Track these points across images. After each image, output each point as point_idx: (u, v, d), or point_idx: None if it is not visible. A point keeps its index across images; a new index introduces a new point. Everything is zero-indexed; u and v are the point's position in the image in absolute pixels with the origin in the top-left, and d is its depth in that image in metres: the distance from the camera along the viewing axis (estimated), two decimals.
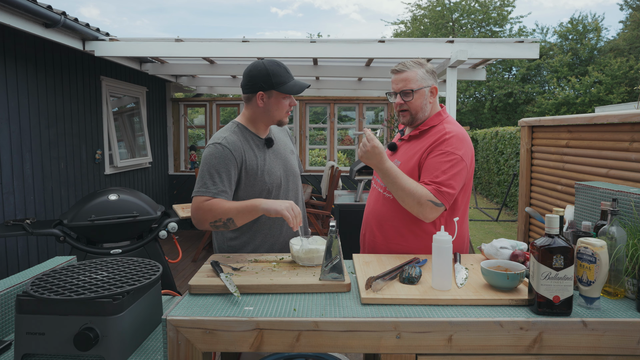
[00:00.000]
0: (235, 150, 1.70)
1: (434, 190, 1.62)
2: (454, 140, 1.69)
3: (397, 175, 1.65)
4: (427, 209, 1.62)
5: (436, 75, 1.82)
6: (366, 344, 1.16)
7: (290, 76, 1.76)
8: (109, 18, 75.61)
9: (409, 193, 1.63)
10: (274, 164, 1.81)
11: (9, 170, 3.33)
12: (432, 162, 1.67)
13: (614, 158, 2.84)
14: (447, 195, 1.62)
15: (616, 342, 1.15)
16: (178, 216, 3.07)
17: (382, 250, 1.81)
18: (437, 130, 1.75)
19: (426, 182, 1.65)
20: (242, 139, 1.76)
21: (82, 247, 2.68)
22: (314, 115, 13.26)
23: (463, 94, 21.35)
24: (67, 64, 4.10)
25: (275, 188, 1.79)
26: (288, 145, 1.95)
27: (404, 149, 1.84)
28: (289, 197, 1.86)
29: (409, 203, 1.64)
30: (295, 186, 1.90)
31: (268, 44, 4.20)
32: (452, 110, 4.11)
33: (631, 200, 1.50)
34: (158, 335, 1.41)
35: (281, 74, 1.73)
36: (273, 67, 1.73)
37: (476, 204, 9.65)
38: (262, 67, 1.72)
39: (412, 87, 1.75)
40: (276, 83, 1.72)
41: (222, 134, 1.75)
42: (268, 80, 1.71)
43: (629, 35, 19.98)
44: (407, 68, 1.76)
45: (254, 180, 1.74)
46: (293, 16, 66.29)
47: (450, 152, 1.66)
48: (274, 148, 1.84)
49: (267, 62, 1.74)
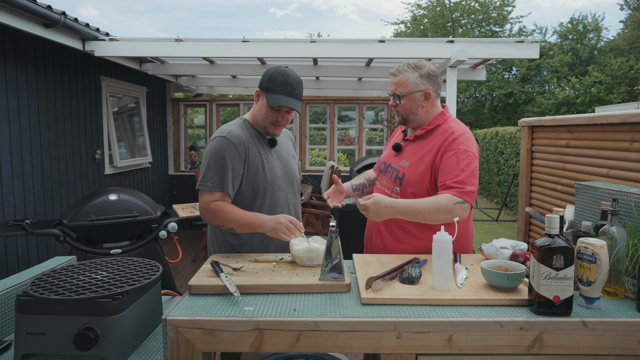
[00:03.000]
0: (239, 144, 1.73)
1: (457, 193, 1.62)
2: (463, 138, 1.70)
3: (415, 204, 1.62)
4: (457, 211, 1.61)
5: (436, 77, 1.80)
6: (366, 344, 1.16)
7: (285, 90, 1.71)
8: (108, 18, 75.64)
9: (436, 210, 1.60)
10: (275, 164, 1.84)
11: (9, 170, 3.33)
12: (449, 162, 1.67)
13: (614, 158, 2.84)
14: (470, 193, 1.63)
15: (616, 342, 1.15)
16: (178, 216, 3.07)
17: (394, 251, 1.80)
18: (443, 130, 1.75)
19: (448, 185, 1.64)
20: (247, 134, 1.79)
21: (82, 247, 2.68)
22: (314, 115, 13.26)
23: (463, 94, 21.34)
24: (67, 64, 4.09)
25: (273, 186, 1.81)
26: (290, 150, 1.97)
27: (410, 149, 1.83)
28: (287, 199, 1.87)
29: (440, 218, 1.62)
30: (293, 189, 1.92)
31: (268, 44, 4.20)
32: (452, 110, 4.11)
33: (631, 200, 1.50)
34: (158, 335, 1.41)
35: (278, 83, 1.71)
36: (278, 74, 1.73)
37: (476, 204, 9.65)
38: (272, 70, 1.75)
39: (401, 92, 1.77)
40: (267, 88, 1.74)
41: (227, 127, 1.78)
42: (266, 82, 1.74)
43: (629, 35, 19.98)
44: (399, 72, 1.78)
45: (255, 175, 1.76)
46: (292, 16, 66.32)
47: (465, 150, 1.67)
48: (276, 149, 1.87)
49: (281, 68, 1.75)
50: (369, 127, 7.68)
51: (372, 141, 11.11)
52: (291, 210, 1.90)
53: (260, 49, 4.18)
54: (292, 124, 6.91)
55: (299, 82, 1.76)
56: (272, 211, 1.81)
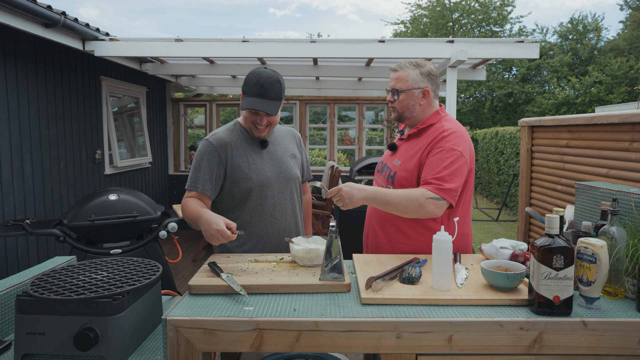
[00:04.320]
0: (220, 147, 1.80)
1: (433, 188, 1.62)
2: (453, 137, 1.70)
3: (387, 191, 1.65)
4: (429, 207, 1.61)
5: (435, 77, 1.82)
6: (366, 344, 1.16)
7: (256, 92, 1.71)
8: (107, 18, 75.65)
9: (407, 201, 1.62)
10: (266, 164, 1.84)
11: (9, 170, 3.33)
12: (433, 159, 1.67)
13: (614, 158, 2.84)
14: (449, 191, 1.62)
15: (616, 342, 1.15)
16: (178, 216, 3.07)
17: (386, 251, 1.81)
18: (435, 128, 1.76)
19: (426, 181, 1.65)
20: (234, 137, 1.84)
21: (82, 247, 2.68)
22: (314, 115, 13.25)
23: (463, 94, 21.34)
24: (67, 64, 4.09)
25: (261, 186, 1.81)
26: (289, 149, 1.95)
27: (403, 148, 1.85)
28: (278, 199, 1.86)
29: (411, 210, 1.63)
30: (289, 188, 1.90)
31: (268, 44, 4.20)
32: (452, 110, 4.11)
33: (631, 200, 1.50)
34: (158, 335, 1.41)
35: (250, 85, 1.73)
36: (251, 76, 1.74)
37: (476, 204, 9.65)
38: (249, 72, 1.78)
39: (400, 87, 1.79)
40: (243, 91, 1.77)
41: (216, 130, 1.88)
42: (243, 85, 1.78)
43: (629, 35, 19.98)
44: (401, 68, 1.81)
45: (240, 178, 1.79)
46: (291, 17, 66.32)
47: (450, 149, 1.67)
48: (269, 149, 1.88)
49: (257, 69, 1.76)
50: (369, 127, 7.68)
51: (372, 141, 11.10)
52: (285, 209, 1.88)
53: (260, 49, 4.18)
54: (292, 124, 6.91)
55: (274, 82, 1.73)
56: (259, 211, 1.83)
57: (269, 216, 1.84)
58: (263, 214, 1.83)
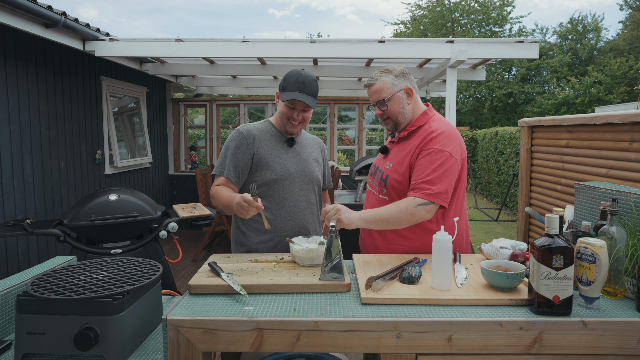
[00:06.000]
0: (249, 137, 1.90)
1: (420, 194, 1.62)
2: (441, 138, 1.69)
3: (379, 212, 1.65)
4: (420, 213, 1.62)
5: (409, 75, 1.82)
6: (366, 344, 1.16)
7: (297, 87, 1.83)
8: (107, 19, 75.70)
9: (398, 214, 1.62)
10: (290, 160, 1.93)
11: (9, 170, 3.33)
12: (422, 161, 1.67)
13: (613, 158, 2.85)
14: (438, 194, 1.62)
15: (616, 342, 1.15)
16: (178, 216, 3.07)
17: (384, 253, 1.81)
18: (423, 130, 1.75)
19: (414, 187, 1.66)
20: (264, 132, 1.94)
21: (82, 247, 2.68)
22: (314, 115, 13.22)
23: (463, 94, 21.34)
24: (67, 64, 4.10)
25: (284, 180, 1.89)
26: (313, 154, 2.03)
27: (394, 151, 1.85)
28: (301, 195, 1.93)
29: (404, 220, 1.64)
30: (311, 187, 1.97)
31: (268, 44, 4.20)
32: (452, 110, 4.11)
33: (631, 200, 1.50)
34: (158, 335, 1.41)
35: (291, 81, 1.85)
36: (291, 73, 1.87)
37: (476, 204, 9.65)
38: (288, 71, 1.89)
39: (385, 96, 1.78)
40: (282, 87, 1.88)
41: (246, 124, 1.98)
42: (282, 82, 1.89)
43: (628, 36, 19.98)
44: (375, 80, 1.81)
45: (266, 167, 1.88)
46: (290, 17, 66.36)
47: (439, 150, 1.66)
48: (295, 149, 1.97)
49: (296, 69, 1.91)
50: (369, 127, 7.68)
51: (372, 141, 11.11)
52: (304, 207, 1.94)
53: (260, 49, 4.18)
54: None
55: (312, 80, 1.87)
56: (282, 203, 1.89)
57: (289, 211, 1.89)
58: (284, 207, 1.89)
